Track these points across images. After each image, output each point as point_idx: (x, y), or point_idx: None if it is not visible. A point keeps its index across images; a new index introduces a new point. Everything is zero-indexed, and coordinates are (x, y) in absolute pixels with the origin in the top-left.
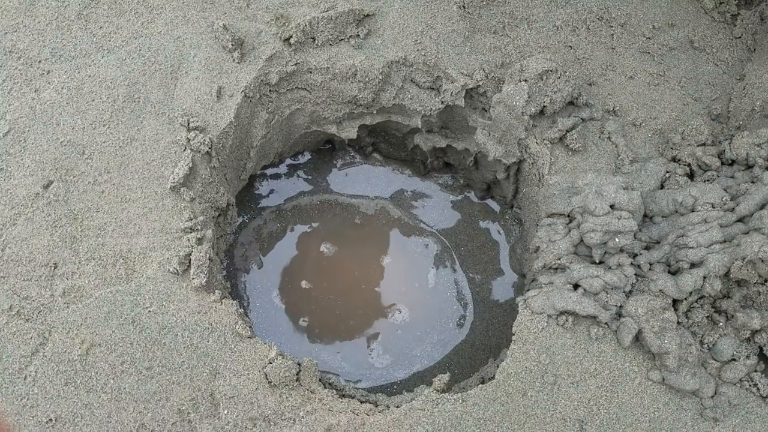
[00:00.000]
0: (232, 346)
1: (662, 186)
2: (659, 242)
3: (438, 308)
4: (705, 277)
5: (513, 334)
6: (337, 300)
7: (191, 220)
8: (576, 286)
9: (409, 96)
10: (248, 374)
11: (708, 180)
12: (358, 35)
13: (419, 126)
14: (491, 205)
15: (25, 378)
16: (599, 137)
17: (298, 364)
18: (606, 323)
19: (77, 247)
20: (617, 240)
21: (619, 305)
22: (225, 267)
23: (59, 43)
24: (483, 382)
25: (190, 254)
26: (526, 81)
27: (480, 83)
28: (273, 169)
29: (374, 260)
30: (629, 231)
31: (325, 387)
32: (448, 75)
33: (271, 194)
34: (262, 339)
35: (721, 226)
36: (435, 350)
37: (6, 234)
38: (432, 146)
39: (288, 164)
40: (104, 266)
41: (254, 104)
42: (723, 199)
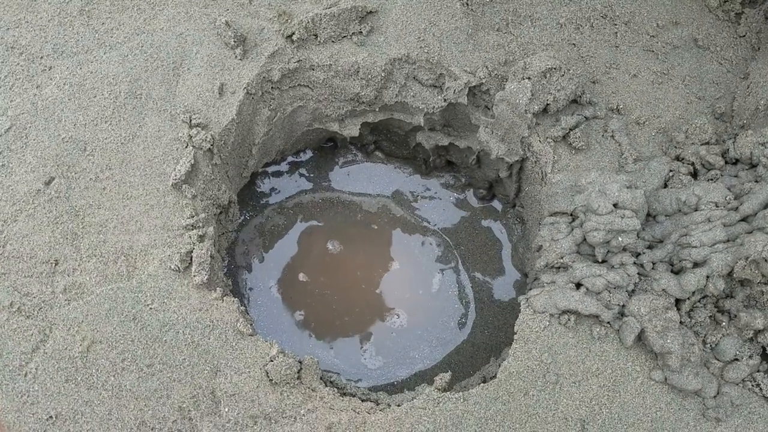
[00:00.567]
0: (233, 344)
1: (666, 185)
2: (662, 241)
3: (439, 308)
4: (708, 277)
5: (515, 333)
6: (337, 298)
7: (193, 218)
8: (578, 285)
9: (412, 94)
10: (249, 372)
11: (712, 179)
12: (361, 32)
13: (422, 124)
14: (493, 204)
15: (26, 375)
16: (603, 136)
17: (300, 362)
18: (608, 322)
19: (78, 244)
20: (620, 239)
21: (622, 304)
22: (226, 264)
23: (61, 39)
24: (484, 381)
25: (192, 251)
26: (530, 79)
27: (483, 81)
28: (275, 167)
29: (375, 259)
30: (632, 230)
31: (326, 385)
32: (451, 72)
33: (273, 192)
34: (264, 337)
35: (725, 226)
36: (436, 349)
37: (7, 230)
38: (434, 144)
39: (290, 162)
40: (105, 263)
41: (256, 101)
42: (727, 198)
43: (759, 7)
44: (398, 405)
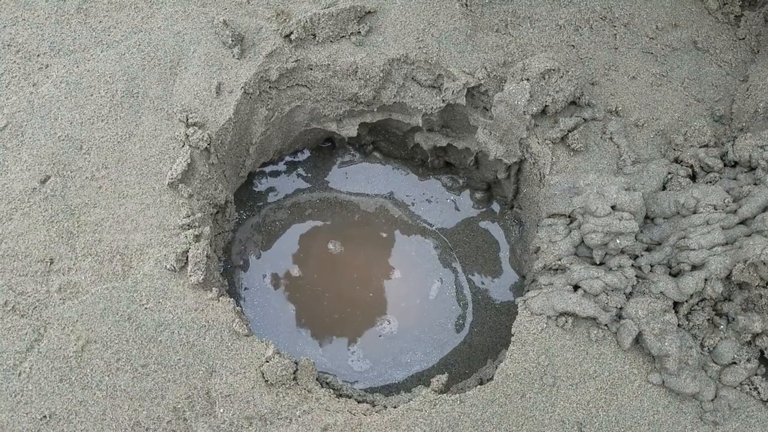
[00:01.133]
0: (229, 344)
1: (664, 187)
2: (660, 244)
3: (436, 310)
4: (706, 280)
5: (512, 335)
6: (333, 299)
7: (189, 217)
8: (576, 288)
9: (410, 94)
10: (245, 372)
11: (710, 182)
12: (359, 32)
13: (420, 124)
14: (491, 205)
15: (20, 374)
16: (601, 137)
17: (295, 363)
18: (606, 325)
19: (74, 243)
20: (618, 241)
21: (620, 307)
22: (222, 264)
23: (58, 37)
24: (481, 383)
25: (188, 251)
26: (528, 80)
27: (482, 82)
28: (272, 167)
29: (372, 261)
30: (630, 232)
31: (323, 386)
32: (450, 73)
33: (270, 192)
34: (260, 337)
35: (723, 228)
36: (432, 351)
37: (2, 229)
38: (433, 145)
39: (287, 162)
40: (101, 262)
41: (254, 101)
42: (725, 201)
43: (758, 10)
44: (394, 406)
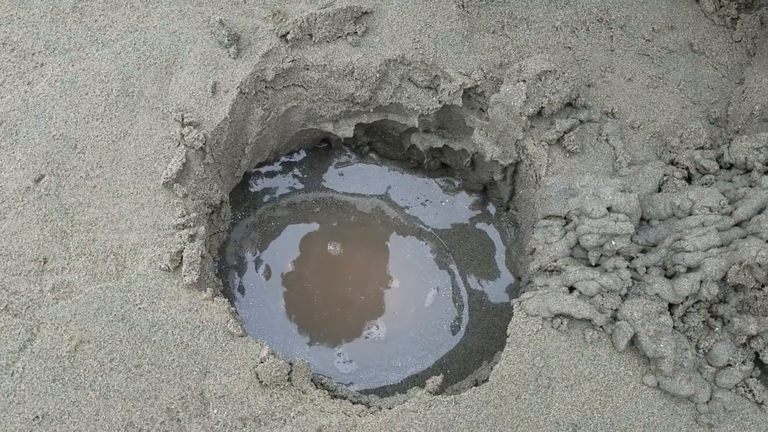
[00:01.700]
0: (223, 345)
1: (660, 189)
2: (656, 245)
3: (431, 312)
4: (702, 282)
5: (507, 337)
6: (328, 300)
7: (184, 217)
8: (571, 289)
9: (407, 95)
10: (239, 373)
11: (706, 184)
12: (356, 32)
13: (416, 125)
14: (487, 207)
15: (12, 374)
16: (597, 139)
17: (290, 364)
18: (601, 326)
19: (68, 242)
20: (614, 243)
21: (615, 308)
22: (217, 265)
23: (53, 36)
24: (476, 385)
25: (182, 251)
26: (525, 81)
27: (478, 83)
28: (268, 167)
29: (368, 262)
30: (626, 234)
31: (317, 387)
32: (446, 74)
33: (266, 192)
34: (254, 338)
35: (719, 230)
36: (428, 353)
37: None
38: (429, 146)
39: (283, 162)
40: (94, 262)
41: (250, 100)
42: (721, 203)
43: (755, 13)
44: (389, 408)
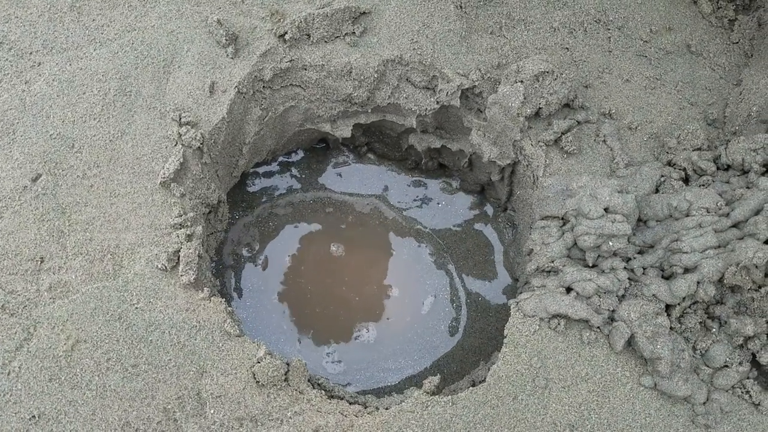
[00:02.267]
0: (220, 345)
1: (657, 190)
2: (653, 246)
3: (429, 315)
4: (699, 283)
5: (505, 337)
6: (325, 300)
7: (181, 216)
8: (569, 290)
9: (405, 95)
10: (236, 373)
11: (703, 185)
12: (354, 33)
13: (414, 126)
14: (485, 207)
15: (9, 373)
16: (594, 140)
17: (287, 364)
18: (598, 327)
19: (65, 242)
20: (611, 243)
21: (612, 309)
22: (214, 264)
23: (51, 35)
24: (474, 385)
25: (179, 251)
26: (522, 82)
27: (476, 84)
28: (266, 167)
29: (366, 263)
30: (623, 235)
31: (314, 387)
32: (444, 75)
33: (264, 192)
34: (251, 338)
35: (716, 231)
36: (426, 354)
37: None
38: (426, 147)
39: (281, 162)
40: (91, 261)
41: (247, 100)
42: (718, 204)
43: (752, 14)
44: (386, 408)
